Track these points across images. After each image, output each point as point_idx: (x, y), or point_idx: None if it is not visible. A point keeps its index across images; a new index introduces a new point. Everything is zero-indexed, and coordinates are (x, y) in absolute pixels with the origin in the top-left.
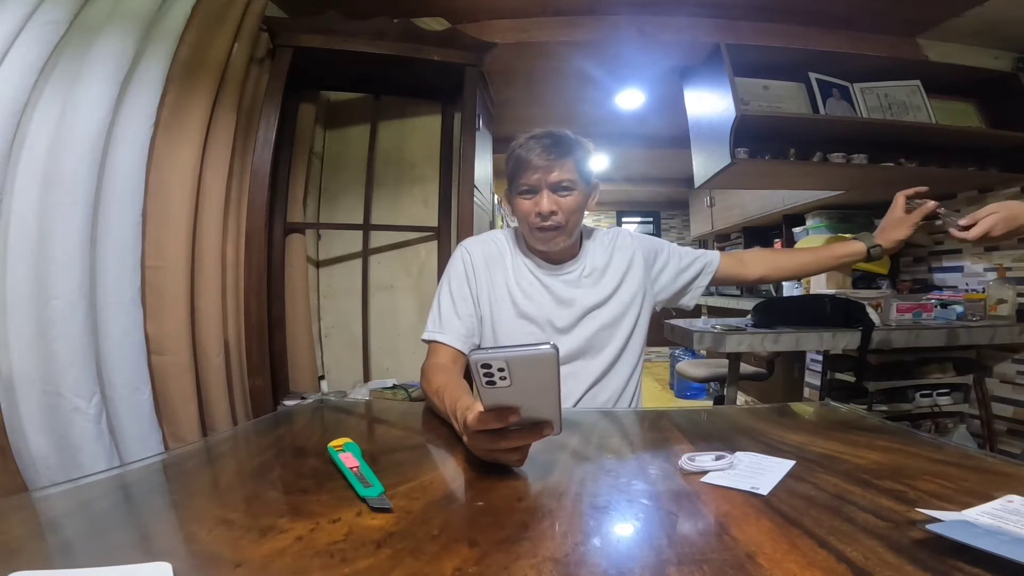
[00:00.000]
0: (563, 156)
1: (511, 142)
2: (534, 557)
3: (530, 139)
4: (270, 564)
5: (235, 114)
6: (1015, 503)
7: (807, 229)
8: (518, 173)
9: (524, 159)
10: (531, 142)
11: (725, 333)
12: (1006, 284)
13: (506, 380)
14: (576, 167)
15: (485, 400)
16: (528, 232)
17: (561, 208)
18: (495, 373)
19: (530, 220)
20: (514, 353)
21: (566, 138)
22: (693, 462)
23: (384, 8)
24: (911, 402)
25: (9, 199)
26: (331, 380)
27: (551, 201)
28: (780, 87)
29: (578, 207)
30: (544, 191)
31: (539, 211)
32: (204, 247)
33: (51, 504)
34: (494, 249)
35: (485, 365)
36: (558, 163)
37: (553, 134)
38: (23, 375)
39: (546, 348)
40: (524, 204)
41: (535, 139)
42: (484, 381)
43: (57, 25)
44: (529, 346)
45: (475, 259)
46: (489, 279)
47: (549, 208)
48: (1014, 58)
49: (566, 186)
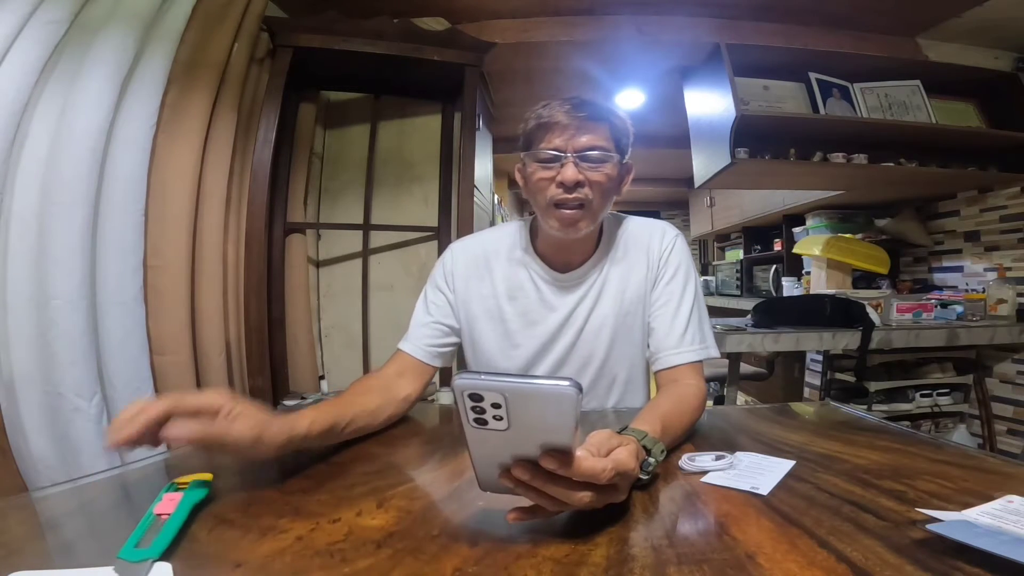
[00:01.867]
0: (596, 119)
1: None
2: (534, 557)
3: (557, 99)
4: (270, 564)
5: (235, 114)
6: (1015, 503)
7: (807, 229)
8: (537, 136)
9: (548, 117)
10: (555, 102)
11: (725, 333)
12: (1006, 284)
13: (502, 420)
14: (611, 134)
15: (470, 444)
16: (544, 212)
17: (589, 181)
18: (487, 408)
19: (549, 193)
20: (518, 384)
21: (599, 103)
22: (693, 462)
23: (384, 8)
24: (911, 402)
25: (9, 199)
26: (331, 380)
27: (577, 170)
28: (780, 87)
29: (609, 184)
30: (570, 158)
31: (562, 180)
32: (204, 247)
33: (51, 504)
34: (483, 252)
35: (474, 396)
36: (590, 125)
37: (585, 97)
38: (24, 375)
39: (564, 387)
40: (542, 174)
41: (563, 99)
42: (472, 417)
43: (57, 25)
44: (539, 379)
45: (457, 265)
46: (467, 288)
47: (574, 178)
48: (1014, 58)
49: (598, 156)
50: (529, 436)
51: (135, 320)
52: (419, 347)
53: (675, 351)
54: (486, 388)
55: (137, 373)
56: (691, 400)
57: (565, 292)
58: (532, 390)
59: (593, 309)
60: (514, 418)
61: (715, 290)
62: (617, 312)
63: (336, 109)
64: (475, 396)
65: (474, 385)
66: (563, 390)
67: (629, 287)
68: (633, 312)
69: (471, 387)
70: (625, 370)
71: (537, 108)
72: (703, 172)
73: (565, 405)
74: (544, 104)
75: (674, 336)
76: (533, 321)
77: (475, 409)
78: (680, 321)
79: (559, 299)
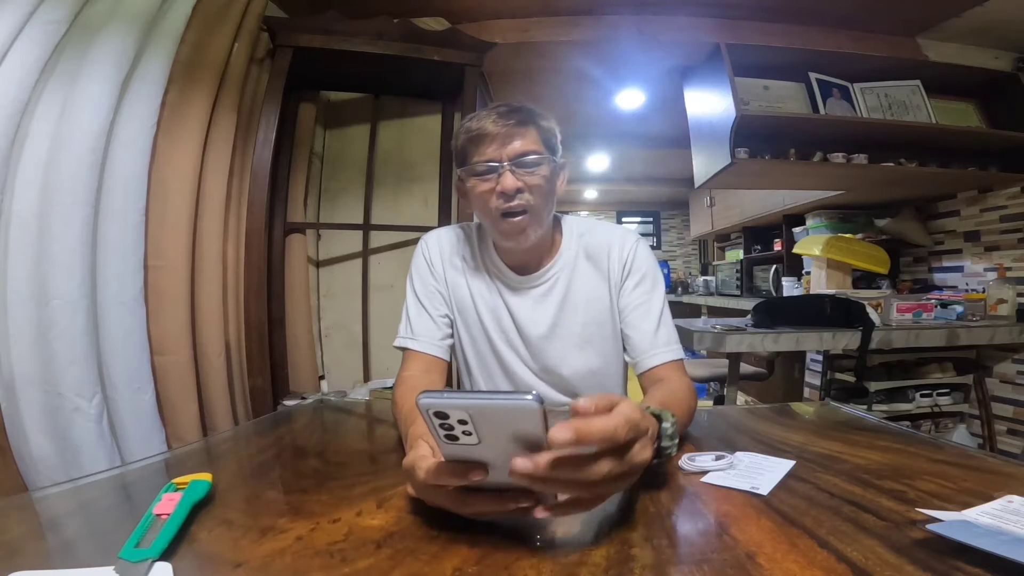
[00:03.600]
0: (524, 123)
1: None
2: (534, 557)
3: (480, 112)
4: (270, 564)
5: (235, 114)
6: (1015, 503)
7: (807, 229)
8: (471, 149)
9: (477, 130)
10: (482, 113)
11: (725, 333)
12: (1006, 284)
13: (472, 436)
14: (540, 136)
15: (447, 458)
16: (492, 224)
17: (528, 186)
18: (455, 425)
19: (491, 204)
20: (480, 402)
21: (524, 106)
22: (693, 462)
23: (384, 8)
24: (911, 402)
25: (9, 199)
26: (331, 380)
27: (515, 177)
28: (780, 87)
29: (547, 185)
30: (506, 167)
31: (502, 189)
32: (204, 247)
33: (51, 504)
34: (455, 242)
35: (440, 414)
36: (519, 131)
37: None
38: (24, 375)
39: (527, 400)
40: (482, 187)
41: (487, 110)
42: (442, 435)
43: (57, 25)
44: (501, 394)
45: (432, 254)
46: (447, 277)
47: (514, 185)
48: (1014, 58)
49: (533, 160)
50: (503, 448)
51: (135, 320)
52: (431, 342)
53: (655, 352)
54: (450, 407)
55: (137, 373)
56: (684, 393)
57: (523, 294)
58: (494, 407)
59: (557, 311)
60: (483, 434)
61: (715, 290)
62: (584, 319)
63: (336, 109)
64: (441, 414)
65: (438, 404)
66: (525, 404)
67: (593, 292)
68: (601, 321)
69: (435, 406)
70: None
71: (465, 122)
72: (703, 172)
73: (529, 418)
74: (471, 117)
75: (651, 338)
76: (499, 318)
77: (443, 426)
78: (653, 323)
79: (518, 302)
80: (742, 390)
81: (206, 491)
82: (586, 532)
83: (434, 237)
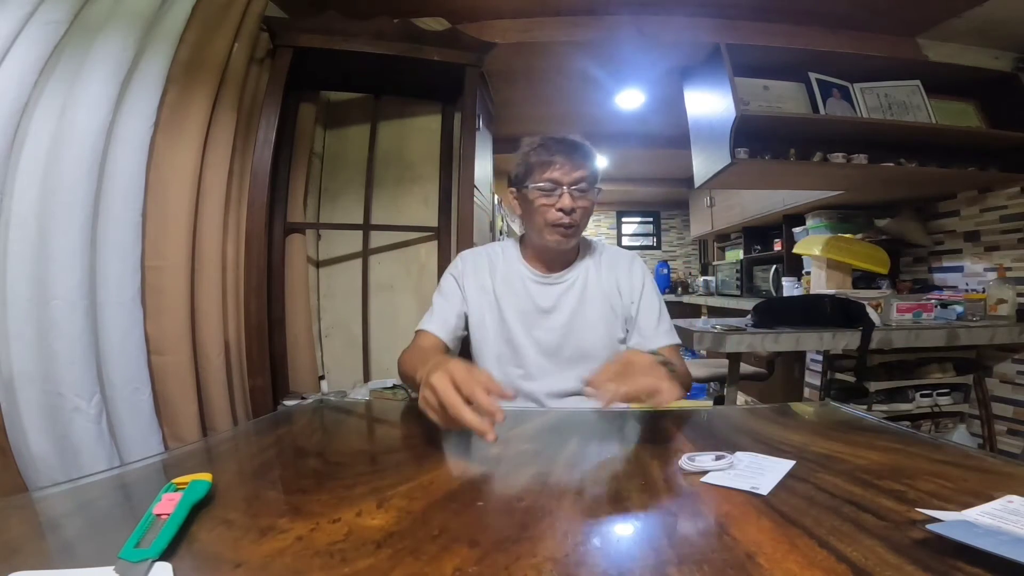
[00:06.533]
0: (585, 159)
1: (512, 142)
2: (534, 557)
3: (550, 139)
4: (270, 564)
5: (235, 114)
6: (1015, 503)
7: (807, 229)
8: (538, 170)
9: (547, 156)
10: (552, 142)
11: (725, 333)
12: (1006, 284)
13: None
14: (591, 169)
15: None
16: (542, 230)
17: (578, 207)
18: None
19: (549, 216)
20: None
21: (586, 144)
22: (693, 462)
23: (384, 8)
24: (911, 402)
25: (9, 199)
26: (331, 380)
27: (572, 199)
28: (780, 87)
29: (591, 208)
30: (566, 190)
31: (561, 207)
32: (204, 247)
33: (51, 504)
34: (487, 259)
35: None
36: (580, 163)
37: (573, 138)
38: (23, 375)
39: None
40: (544, 200)
41: (556, 140)
42: None
43: (57, 25)
44: None
45: (466, 266)
46: (478, 284)
47: (571, 204)
48: (1014, 58)
49: (585, 187)
50: None
51: (134, 320)
52: (441, 328)
53: (657, 335)
54: None
55: (136, 373)
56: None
57: (549, 287)
58: None
59: (578, 301)
60: None
61: (715, 290)
62: (600, 306)
63: (336, 109)
64: None
65: None
66: None
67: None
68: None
69: None
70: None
71: (535, 146)
72: (703, 172)
73: None
74: (540, 144)
75: (655, 326)
76: (524, 310)
77: None
78: (656, 317)
79: (544, 292)
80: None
81: (206, 491)
82: (586, 532)
83: (471, 253)
